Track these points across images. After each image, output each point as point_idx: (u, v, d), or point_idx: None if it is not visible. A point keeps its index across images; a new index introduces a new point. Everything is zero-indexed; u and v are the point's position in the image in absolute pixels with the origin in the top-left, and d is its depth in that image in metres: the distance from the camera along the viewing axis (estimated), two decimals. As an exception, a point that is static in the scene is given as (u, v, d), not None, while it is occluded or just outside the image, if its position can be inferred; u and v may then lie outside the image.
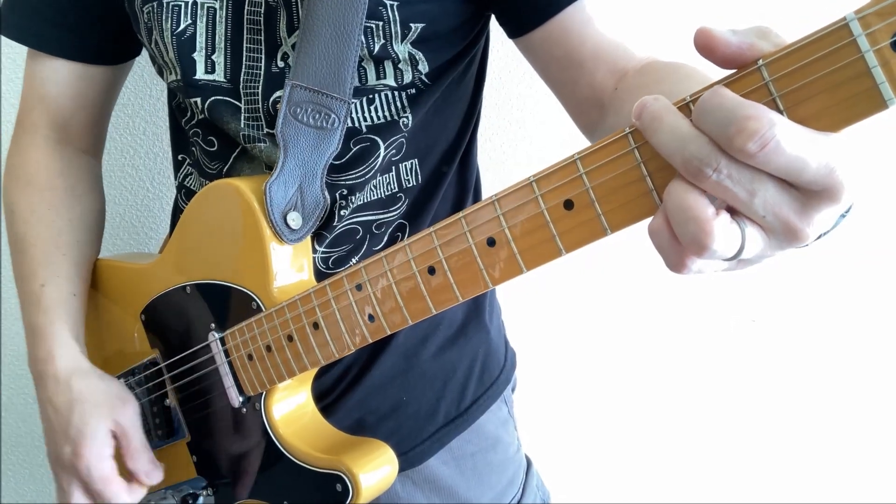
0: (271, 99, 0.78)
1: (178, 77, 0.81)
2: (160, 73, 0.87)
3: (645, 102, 0.44)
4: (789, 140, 0.38)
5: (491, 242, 0.56)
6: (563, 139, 1.25)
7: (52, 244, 0.89)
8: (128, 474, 0.83)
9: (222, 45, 0.79)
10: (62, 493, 0.84)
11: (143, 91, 1.28)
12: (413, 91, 0.80)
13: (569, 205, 0.51)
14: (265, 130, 0.80)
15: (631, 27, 0.74)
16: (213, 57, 0.79)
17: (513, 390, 1.04)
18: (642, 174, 0.47)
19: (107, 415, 0.82)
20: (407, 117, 0.81)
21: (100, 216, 0.99)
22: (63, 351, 0.85)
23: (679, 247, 0.44)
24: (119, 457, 0.83)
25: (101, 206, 0.99)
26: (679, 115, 0.43)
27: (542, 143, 1.27)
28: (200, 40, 0.79)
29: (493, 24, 0.84)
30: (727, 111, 0.40)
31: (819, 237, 0.44)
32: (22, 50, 0.92)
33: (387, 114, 0.80)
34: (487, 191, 0.97)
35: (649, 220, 0.49)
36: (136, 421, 0.84)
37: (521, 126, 1.26)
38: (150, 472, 0.83)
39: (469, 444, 0.94)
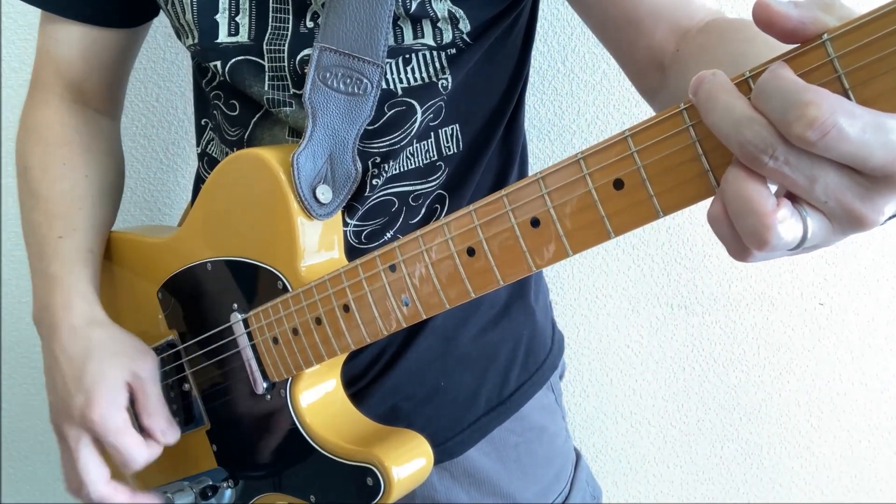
0: (298, 57, 0.79)
1: (196, 41, 0.82)
2: (178, 35, 0.88)
3: (702, 78, 0.45)
4: (853, 127, 0.39)
5: (535, 223, 0.58)
6: (614, 109, 1.24)
7: (67, 198, 0.92)
8: (142, 432, 0.84)
9: (246, 5, 0.80)
10: (67, 450, 0.85)
11: (157, 54, 1.28)
12: (453, 51, 0.81)
13: (619, 184, 0.53)
14: (291, 91, 0.81)
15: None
16: (237, 18, 0.80)
17: (561, 377, 1.05)
18: (697, 153, 0.49)
19: (125, 365, 0.84)
20: (446, 79, 0.81)
21: (118, 178, 1.01)
22: (81, 300, 0.87)
23: (739, 237, 0.45)
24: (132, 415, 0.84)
25: (119, 168, 1.02)
26: (735, 94, 0.44)
27: (591, 114, 1.26)
28: (223, 1, 0.80)
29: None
30: (785, 95, 0.40)
31: (889, 219, 0.45)
32: (24, 10, 0.94)
33: (424, 75, 0.81)
34: (532, 163, 0.98)
35: (704, 201, 0.50)
36: (154, 375, 0.87)
37: (570, 95, 1.25)
38: (167, 430, 0.85)
39: (512, 435, 0.95)
